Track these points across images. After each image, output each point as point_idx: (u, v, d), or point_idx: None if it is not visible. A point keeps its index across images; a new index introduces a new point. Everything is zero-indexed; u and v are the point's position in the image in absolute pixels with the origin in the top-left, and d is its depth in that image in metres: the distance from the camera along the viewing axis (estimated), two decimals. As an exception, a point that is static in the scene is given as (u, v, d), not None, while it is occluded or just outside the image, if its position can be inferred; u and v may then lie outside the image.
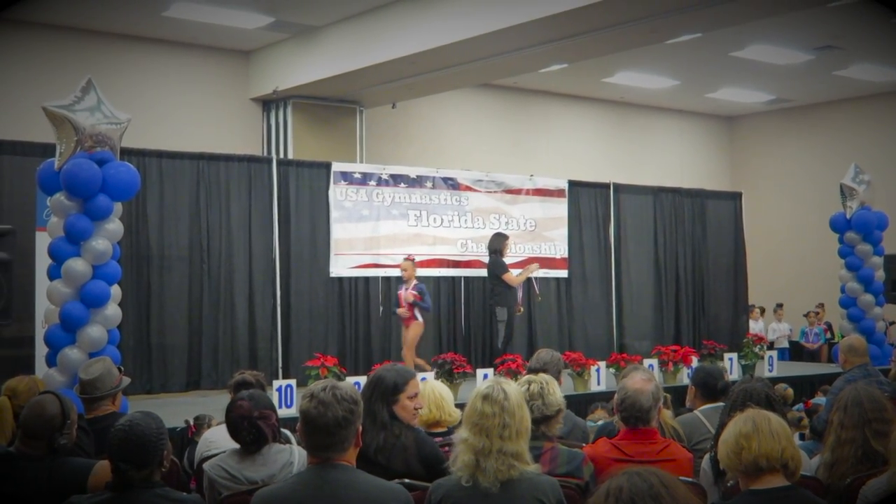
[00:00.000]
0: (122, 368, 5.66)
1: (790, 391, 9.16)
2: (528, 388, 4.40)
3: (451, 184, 12.47)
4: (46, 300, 8.13)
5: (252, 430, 4.26)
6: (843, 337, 12.18)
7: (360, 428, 3.34)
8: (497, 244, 11.75)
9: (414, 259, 11.22)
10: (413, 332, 10.93)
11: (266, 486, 3.48)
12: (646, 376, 4.52)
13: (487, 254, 11.95)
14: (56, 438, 4.11)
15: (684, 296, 14.81)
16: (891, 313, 13.70)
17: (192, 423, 6.51)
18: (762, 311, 17.59)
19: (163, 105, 14.21)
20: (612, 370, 10.32)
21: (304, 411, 3.29)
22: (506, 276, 11.47)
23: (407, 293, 10.87)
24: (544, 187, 13.33)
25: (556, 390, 4.50)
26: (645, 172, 18.33)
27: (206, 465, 4.34)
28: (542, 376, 4.60)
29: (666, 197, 14.87)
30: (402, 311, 10.91)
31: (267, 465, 4.26)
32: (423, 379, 6.64)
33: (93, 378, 5.24)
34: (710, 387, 5.53)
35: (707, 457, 4.41)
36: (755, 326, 16.09)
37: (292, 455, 4.32)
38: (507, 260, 11.87)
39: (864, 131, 18.87)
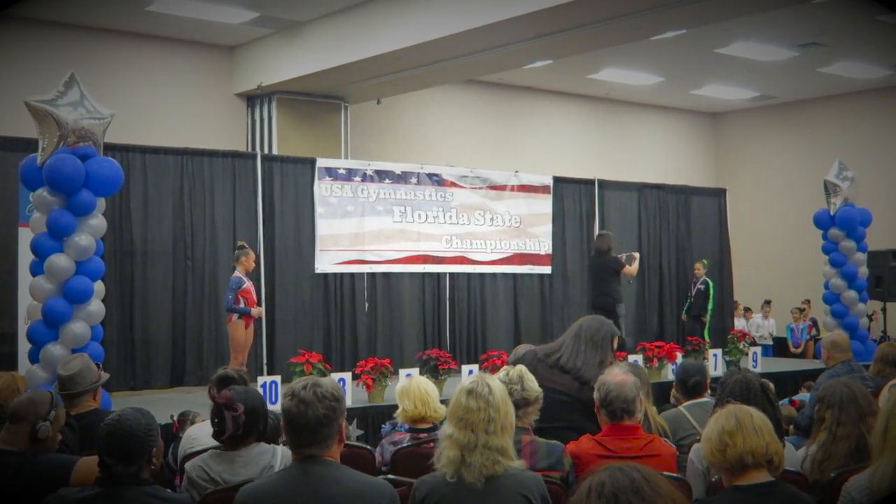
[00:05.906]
0: (101, 365, 5.63)
1: (771, 385, 9.19)
2: (508, 374, 4.41)
3: (436, 180, 12.44)
4: (29, 296, 8.10)
5: (214, 418, 4.07)
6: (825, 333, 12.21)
7: (344, 424, 3.31)
8: (605, 243, 11.74)
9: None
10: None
11: (250, 482, 3.46)
12: (624, 369, 4.52)
13: (595, 255, 11.91)
14: (39, 426, 4.08)
15: (668, 292, 14.84)
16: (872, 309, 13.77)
17: (175, 419, 6.50)
18: (765, 305, 17.59)
19: (146, 100, 14.12)
20: (596, 366, 10.31)
21: (286, 410, 3.28)
22: (625, 271, 11.58)
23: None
24: (529, 183, 13.31)
25: (533, 380, 4.50)
26: (630, 169, 18.33)
27: (187, 465, 4.27)
28: (520, 367, 4.62)
29: (650, 193, 14.90)
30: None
31: (247, 466, 4.18)
32: (409, 375, 6.67)
33: (72, 374, 5.22)
34: (683, 383, 5.57)
35: (695, 447, 4.39)
36: (740, 323, 16.11)
37: (274, 457, 4.26)
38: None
39: (848, 128, 18.93)
